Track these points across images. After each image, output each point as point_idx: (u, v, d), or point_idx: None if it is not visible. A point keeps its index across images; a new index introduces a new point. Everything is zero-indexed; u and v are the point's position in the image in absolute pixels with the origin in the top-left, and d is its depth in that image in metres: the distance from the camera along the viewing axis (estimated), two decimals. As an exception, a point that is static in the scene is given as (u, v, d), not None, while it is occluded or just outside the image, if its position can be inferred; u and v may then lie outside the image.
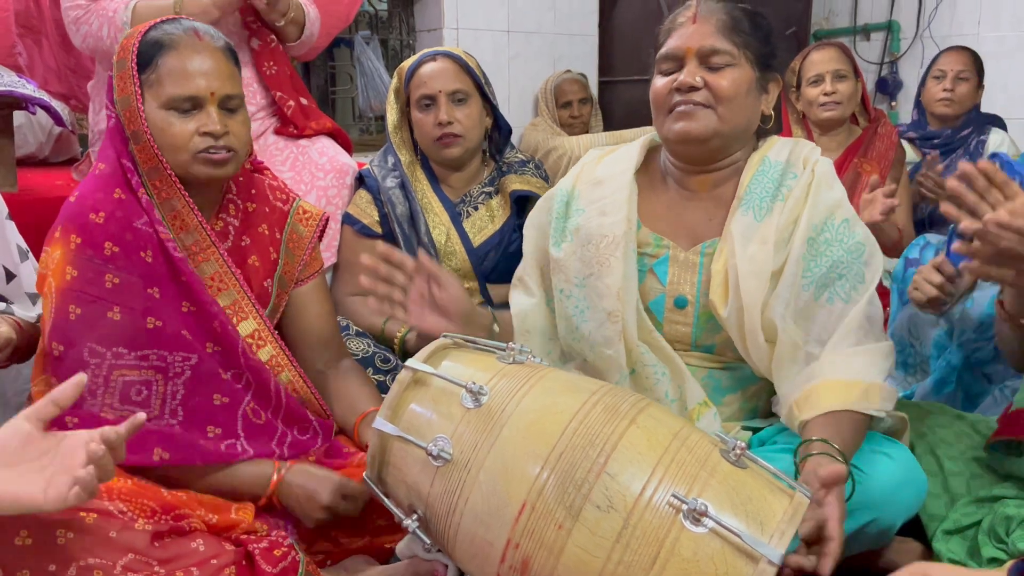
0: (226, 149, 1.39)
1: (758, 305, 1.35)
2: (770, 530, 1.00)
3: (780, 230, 1.38)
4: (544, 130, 3.78)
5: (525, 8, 3.89)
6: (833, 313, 1.37)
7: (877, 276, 1.39)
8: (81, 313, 1.31)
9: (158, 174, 1.38)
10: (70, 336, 1.31)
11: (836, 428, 1.24)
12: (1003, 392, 1.81)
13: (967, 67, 3.02)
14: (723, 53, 1.39)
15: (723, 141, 1.43)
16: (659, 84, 1.43)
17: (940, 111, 3.05)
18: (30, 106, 2.20)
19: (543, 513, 1.02)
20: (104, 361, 1.31)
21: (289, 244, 1.56)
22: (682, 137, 1.41)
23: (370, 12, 3.75)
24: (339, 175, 2.21)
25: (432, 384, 1.17)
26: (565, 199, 1.53)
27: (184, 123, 1.36)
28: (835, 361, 1.34)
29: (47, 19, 2.98)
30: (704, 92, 1.39)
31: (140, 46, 1.36)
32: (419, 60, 2.07)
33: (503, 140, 2.19)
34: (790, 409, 1.33)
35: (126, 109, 1.37)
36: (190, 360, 1.37)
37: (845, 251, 1.38)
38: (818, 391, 1.31)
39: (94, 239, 1.33)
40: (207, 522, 1.28)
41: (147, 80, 1.36)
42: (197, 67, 1.36)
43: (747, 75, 1.41)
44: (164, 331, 1.35)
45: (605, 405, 1.09)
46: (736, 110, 1.40)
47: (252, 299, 1.46)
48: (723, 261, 1.41)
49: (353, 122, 3.84)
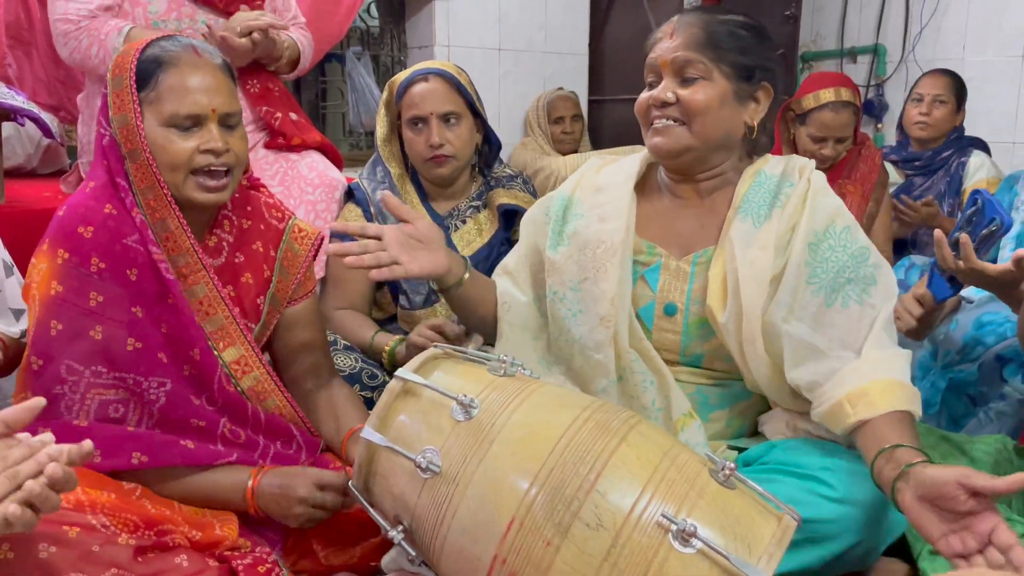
0: (225, 169, 1.38)
1: (757, 310, 1.36)
2: (758, 552, 1.00)
3: (779, 236, 1.39)
4: (533, 150, 3.80)
5: (516, 26, 3.92)
6: (852, 317, 1.37)
7: (892, 280, 1.40)
8: (63, 329, 1.29)
9: (153, 192, 1.36)
10: (50, 351, 1.29)
11: (907, 431, 1.23)
12: (988, 414, 1.83)
13: (944, 91, 3.06)
14: (695, 66, 1.41)
15: (698, 154, 1.45)
16: (641, 98, 1.48)
17: (917, 134, 3.10)
18: (19, 118, 2.20)
19: (531, 529, 1.01)
20: (82, 379, 1.29)
21: (284, 262, 1.55)
22: (656, 152, 1.47)
23: (362, 28, 3.77)
24: (328, 190, 2.21)
25: (422, 395, 1.16)
26: (564, 203, 1.55)
27: (185, 140, 1.35)
28: (881, 360, 1.33)
29: (38, 31, 2.98)
30: (677, 107, 1.42)
31: (138, 63, 1.35)
32: (411, 78, 2.07)
33: (493, 155, 2.20)
34: (839, 405, 1.29)
35: (123, 127, 1.35)
36: (165, 386, 1.35)
37: (849, 256, 1.38)
38: (872, 390, 1.28)
39: (81, 254, 1.32)
40: (190, 538, 1.26)
41: (146, 97, 1.35)
42: (198, 84, 1.35)
43: (721, 88, 1.42)
44: (143, 354, 1.33)
45: (596, 422, 1.09)
46: (709, 124, 1.42)
47: (240, 325, 1.44)
48: (721, 266, 1.42)
49: (343, 137, 3.85)
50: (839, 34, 4.66)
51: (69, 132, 3.05)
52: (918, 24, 4.28)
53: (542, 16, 4.00)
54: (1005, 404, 1.81)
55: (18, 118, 2.20)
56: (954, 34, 4.16)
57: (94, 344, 1.30)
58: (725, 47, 1.42)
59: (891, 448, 1.20)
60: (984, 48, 4.04)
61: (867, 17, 4.54)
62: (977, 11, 4.07)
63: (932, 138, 3.08)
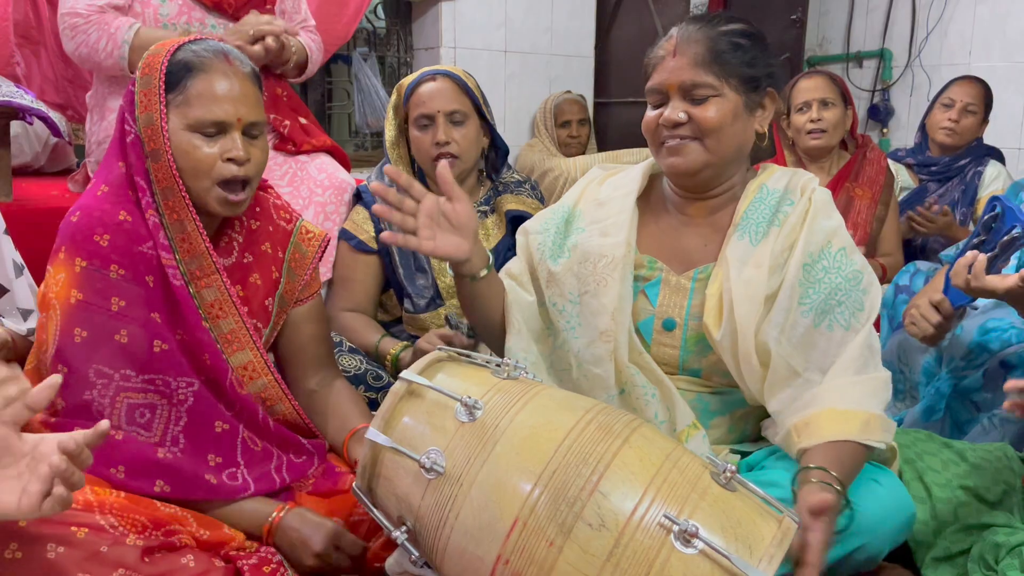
0: (244, 180, 1.39)
1: (751, 328, 1.36)
2: (759, 554, 1.00)
3: (775, 255, 1.39)
4: (540, 151, 3.81)
5: (522, 29, 3.93)
6: (833, 340, 1.37)
7: (877, 305, 1.40)
8: (87, 336, 1.30)
9: (172, 194, 1.36)
10: (76, 358, 1.29)
11: (835, 458, 1.24)
12: (992, 421, 1.82)
13: (976, 100, 3.01)
14: (705, 86, 1.38)
15: (715, 170, 1.44)
16: (649, 117, 1.44)
17: (941, 139, 3.05)
18: (27, 116, 2.21)
19: (535, 530, 1.02)
20: (111, 382, 1.30)
21: (291, 263, 1.56)
22: (672, 172, 1.45)
23: (368, 29, 3.77)
24: (338, 192, 2.22)
25: (426, 396, 1.17)
26: (566, 216, 1.55)
27: (208, 147, 1.35)
28: (837, 388, 1.33)
29: (46, 30, 3.00)
30: (690, 125, 1.39)
31: (169, 65, 1.35)
32: (419, 79, 2.08)
33: (500, 160, 2.20)
34: (788, 434, 1.33)
35: (148, 126, 1.35)
36: (193, 386, 1.36)
37: (843, 278, 1.38)
38: (819, 419, 1.30)
39: (100, 262, 1.32)
40: (198, 538, 1.27)
41: (173, 100, 1.35)
42: (226, 92, 1.35)
43: (732, 102, 1.39)
44: (169, 355, 1.34)
45: (599, 424, 1.10)
46: (724, 139, 1.40)
47: (250, 329, 1.45)
48: (718, 285, 1.42)
49: (349, 138, 3.85)
50: (845, 38, 4.66)
51: (77, 131, 3.06)
52: (924, 29, 4.29)
53: (548, 18, 4.01)
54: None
55: (26, 116, 2.21)
56: (960, 39, 4.16)
57: (120, 348, 1.31)
58: (731, 61, 1.39)
59: (813, 468, 1.23)
60: (989, 54, 4.05)
61: (873, 22, 4.55)
62: (983, 17, 4.07)
63: (956, 146, 3.05)
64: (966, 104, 3.01)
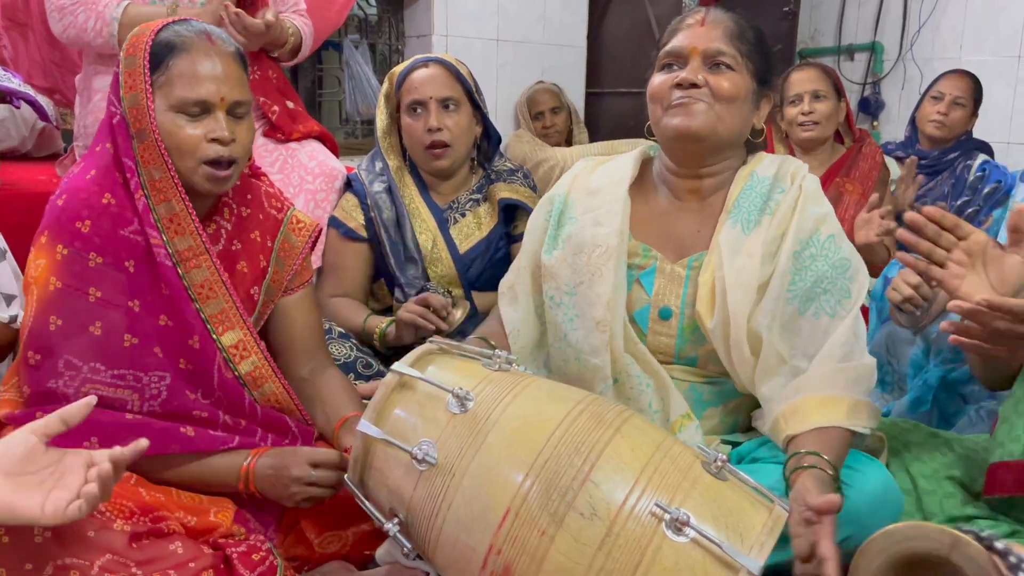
0: (229, 160, 1.38)
1: (744, 317, 1.36)
2: (750, 541, 1.01)
3: (767, 244, 1.40)
4: (529, 142, 3.79)
5: (515, 18, 3.91)
6: (819, 327, 1.38)
7: (863, 292, 1.41)
8: (62, 325, 1.29)
9: (160, 174, 1.35)
10: (48, 346, 1.29)
11: (825, 444, 1.25)
12: (979, 412, 1.83)
13: (965, 94, 3.04)
14: (728, 56, 1.42)
15: (718, 142, 1.44)
16: (659, 80, 1.45)
17: (931, 132, 3.08)
18: (14, 100, 2.18)
19: (526, 519, 1.02)
20: (79, 375, 1.29)
21: (280, 253, 1.55)
22: (680, 132, 1.43)
23: (360, 16, 3.75)
24: (328, 179, 2.21)
25: (418, 388, 1.17)
26: (560, 207, 1.55)
27: (192, 127, 1.35)
28: (822, 375, 1.34)
29: (33, 13, 2.96)
30: (705, 90, 1.41)
31: (152, 46, 1.34)
32: (411, 66, 2.07)
33: (492, 148, 2.19)
34: (775, 421, 1.34)
35: (134, 107, 1.35)
36: (165, 380, 1.35)
37: (830, 266, 1.39)
38: (805, 406, 1.31)
39: (79, 250, 1.31)
40: (185, 524, 1.27)
41: (157, 81, 1.34)
42: (208, 71, 1.35)
43: (746, 82, 1.44)
44: (140, 349, 1.34)
45: (590, 414, 1.10)
46: (733, 113, 1.43)
47: (239, 308, 1.44)
48: (710, 273, 1.42)
49: (339, 125, 3.83)
50: (837, 31, 4.67)
51: (64, 115, 3.03)
52: (916, 22, 4.30)
53: (541, 8, 4.00)
54: (995, 403, 1.82)
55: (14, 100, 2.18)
56: (951, 33, 4.17)
57: (93, 340, 1.30)
58: (753, 45, 1.45)
59: (805, 454, 1.24)
60: (981, 48, 4.06)
61: (865, 14, 4.56)
62: (975, 11, 4.08)
63: (945, 139, 3.07)
64: (955, 97, 3.04)
